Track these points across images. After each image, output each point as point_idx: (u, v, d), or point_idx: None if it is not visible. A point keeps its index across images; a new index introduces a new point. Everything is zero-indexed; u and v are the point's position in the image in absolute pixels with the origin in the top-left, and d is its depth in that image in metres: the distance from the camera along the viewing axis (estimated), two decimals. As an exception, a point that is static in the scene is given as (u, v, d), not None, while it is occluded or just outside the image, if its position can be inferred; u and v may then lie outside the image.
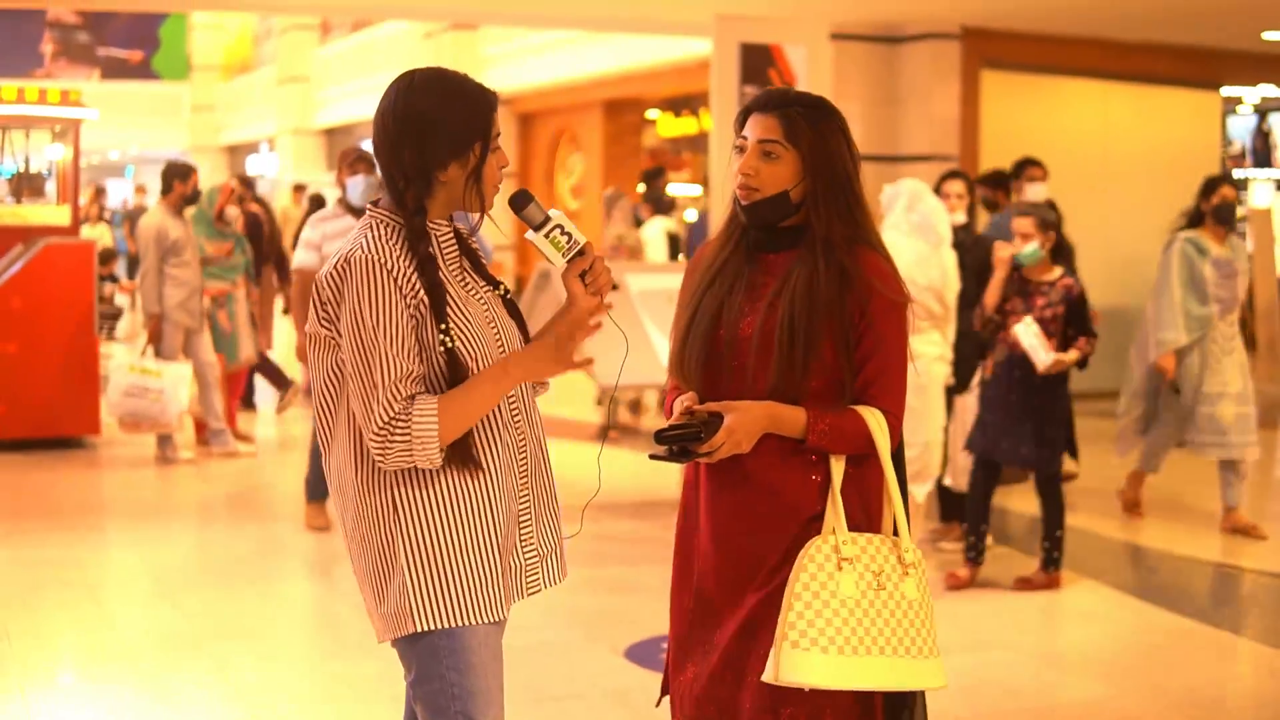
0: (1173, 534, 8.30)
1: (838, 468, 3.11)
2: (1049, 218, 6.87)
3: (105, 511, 9.06)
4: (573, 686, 5.56)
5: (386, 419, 2.81)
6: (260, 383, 12.58)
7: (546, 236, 2.98)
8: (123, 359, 10.06)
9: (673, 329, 3.30)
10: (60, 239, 10.95)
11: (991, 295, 6.92)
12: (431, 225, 2.96)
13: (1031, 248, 6.81)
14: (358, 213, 7.33)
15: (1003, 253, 6.91)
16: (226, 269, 10.90)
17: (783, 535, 3.10)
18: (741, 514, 3.15)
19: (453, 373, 2.87)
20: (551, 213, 3.01)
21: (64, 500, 9.17)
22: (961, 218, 7.95)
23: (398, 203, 2.93)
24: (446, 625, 2.90)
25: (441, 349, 2.86)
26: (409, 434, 2.81)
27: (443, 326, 2.86)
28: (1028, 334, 6.70)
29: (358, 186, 7.68)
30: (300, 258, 7.62)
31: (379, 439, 2.81)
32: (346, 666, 5.68)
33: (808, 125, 3.14)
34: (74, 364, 10.62)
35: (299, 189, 20.49)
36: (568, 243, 2.99)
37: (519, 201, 3.01)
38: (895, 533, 3.15)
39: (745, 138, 3.19)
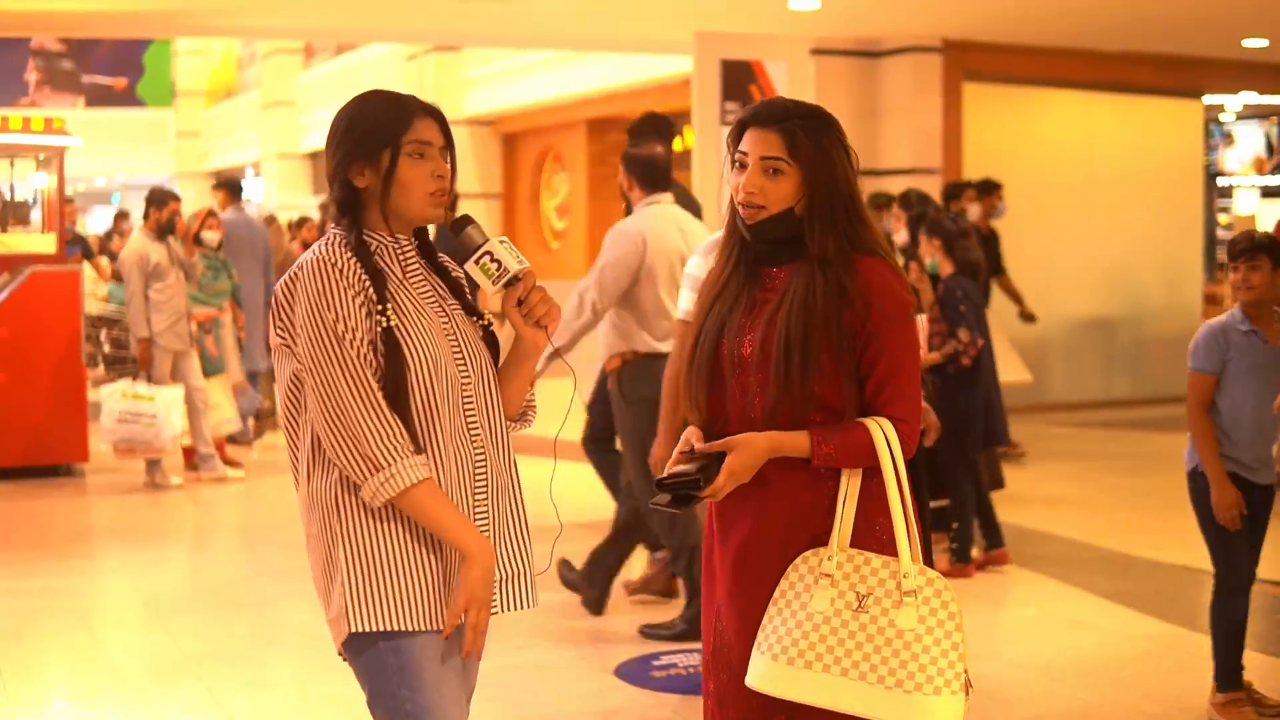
0: (1160, 542, 8.32)
1: (850, 481, 3.05)
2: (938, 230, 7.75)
3: (95, 538, 9.05)
4: (563, 706, 5.56)
5: (371, 422, 2.81)
6: None
7: (477, 263, 2.94)
8: (114, 385, 10.07)
9: (682, 350, 3.27)
10: (46, 267, 10.96)
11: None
12: (377, 237, 2.97)
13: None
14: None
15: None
16: (213, 294, 10.93)
17: (792, 551, 3.05)
18: (755, 532, 3.11)
19: (390, 356, 2.85)
20: (490, 240, 2.96)
21: (54, 528, 9.17)
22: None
23: (337, 210, 2.98)
24: (381, 627, 2.86)
25: (380, 329, 2.86)
26: (383, 469, 2.81)
27: (380, 307, 2.87)
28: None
29: None
30: (687, 302, 5.42)
31: (340, 447, 2.83)
32: (338, 690, 5.67)
33: (809, 140, 3.08)
34: (62, 391, 10.61)
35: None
36: (497, 270, 2.94)
37: (458, 225, 2.98)
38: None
39: (744, 153, 3.11)
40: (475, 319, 3.06)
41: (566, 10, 12.34)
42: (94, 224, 28.33)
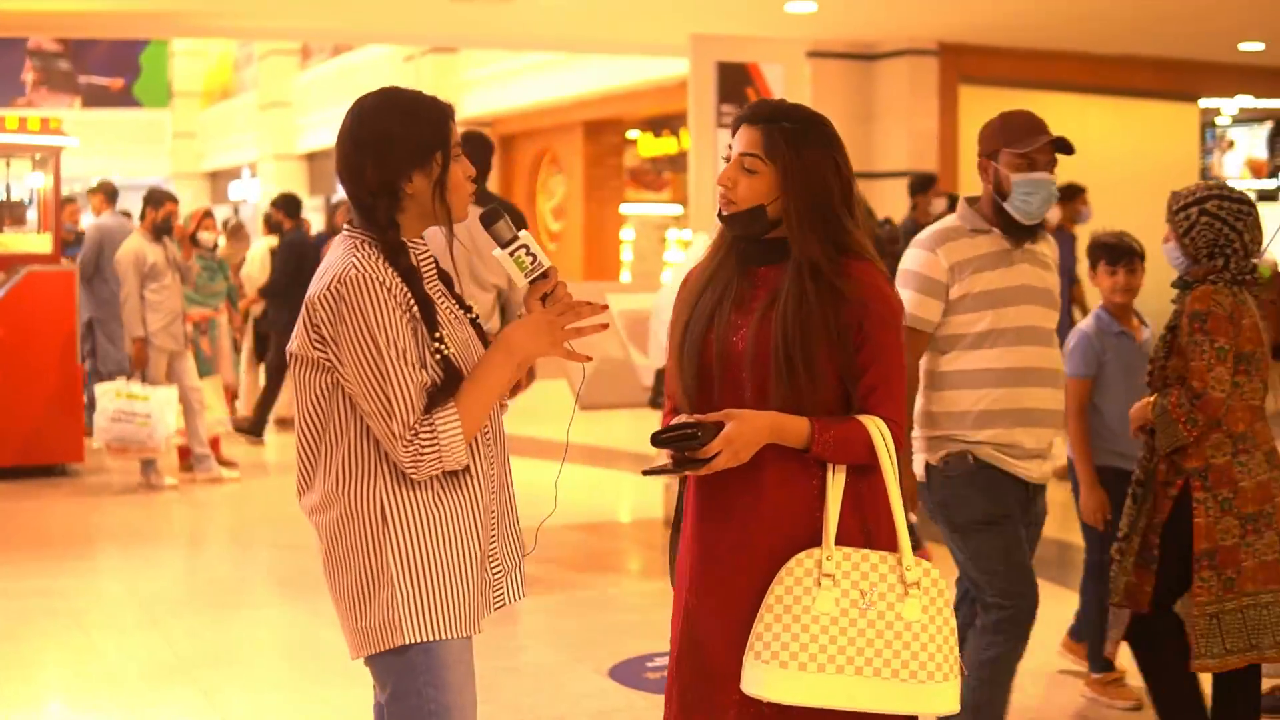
0: (1156, 545, 8.32)
1: (836, 479, 3.04)
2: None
3: (90, 539, 9.04)
4: (557, 708, 5.56)
5: (413, 434, 2.82)
6: None
7: (511, 255, 2.99)
8: (108, 385, 10.07)
9: (669, 339, 3.25)
10: (42, 267, 10.95)
11: None
12: (409, 243, 2.97)
13: None
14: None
15: None
16: (208, 295, 10.94)
17: (781, 552, 3.02)
18: (740, 536, 3.08)
19: (448, 380, 2.88)
20: (520, 233, 3.01)
21: (49, 529, 9.16)
22: None
23: (369, 221, 2.94)
24: (433, 637, 2.90)
25: (437, 356, 2.88)
26: (437, 443, 2.82)
27: (437, 335, 2.88)
28: None
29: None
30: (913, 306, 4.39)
31: (410, 453, 2.82)
32: (333, 692, 5.68)
33: (786, 143, 3.09)
34: (57, 391, 10.60)
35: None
36: (531, 264, 2.99)
37: (489, 217, 3.02)
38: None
39: (731, 148, 3.17)
40: (465, 312, 3.08)
41: (563, 12, 12.35)
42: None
